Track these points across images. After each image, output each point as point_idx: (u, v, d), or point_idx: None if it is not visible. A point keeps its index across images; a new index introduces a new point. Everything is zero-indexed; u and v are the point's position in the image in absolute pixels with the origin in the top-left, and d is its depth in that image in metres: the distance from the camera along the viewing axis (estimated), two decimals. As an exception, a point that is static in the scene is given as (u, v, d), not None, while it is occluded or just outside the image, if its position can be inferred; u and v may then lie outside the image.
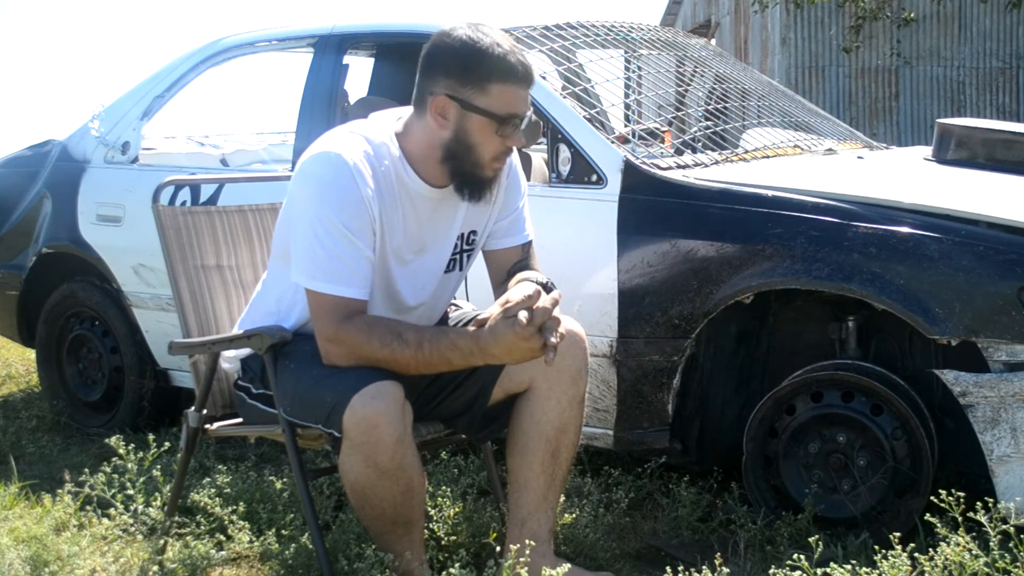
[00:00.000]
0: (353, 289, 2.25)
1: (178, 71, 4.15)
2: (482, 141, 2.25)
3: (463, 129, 2.24)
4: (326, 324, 2.26)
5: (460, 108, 2.22)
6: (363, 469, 2.21)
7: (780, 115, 3.96)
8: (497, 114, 2.22)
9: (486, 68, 2.20)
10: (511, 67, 2.21)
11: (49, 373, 4.31)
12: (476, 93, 2.21)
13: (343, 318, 2.25)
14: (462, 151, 2.26)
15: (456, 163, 2.27)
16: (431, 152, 2.29)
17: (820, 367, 2.90)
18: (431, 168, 2.31)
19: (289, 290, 2.40)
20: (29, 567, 2.57)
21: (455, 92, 2.22)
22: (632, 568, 2.72)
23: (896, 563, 2.27)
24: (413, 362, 2.24)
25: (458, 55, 2.22)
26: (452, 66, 2.22)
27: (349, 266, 2.24)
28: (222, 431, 2.62)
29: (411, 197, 2.32)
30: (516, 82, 2.23)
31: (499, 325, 2.19)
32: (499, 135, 2.25)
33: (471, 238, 2.46)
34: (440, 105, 2.23)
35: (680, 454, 3.07)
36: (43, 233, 4.22)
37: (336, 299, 2.24)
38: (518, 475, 2.46)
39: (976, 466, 2.73)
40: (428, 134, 2.27)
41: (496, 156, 2.29)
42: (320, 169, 2.25)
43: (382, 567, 2.29)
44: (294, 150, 3.77)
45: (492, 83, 2.21)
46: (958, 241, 2.68)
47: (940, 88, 12.42)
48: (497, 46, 2.21)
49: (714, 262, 2.89)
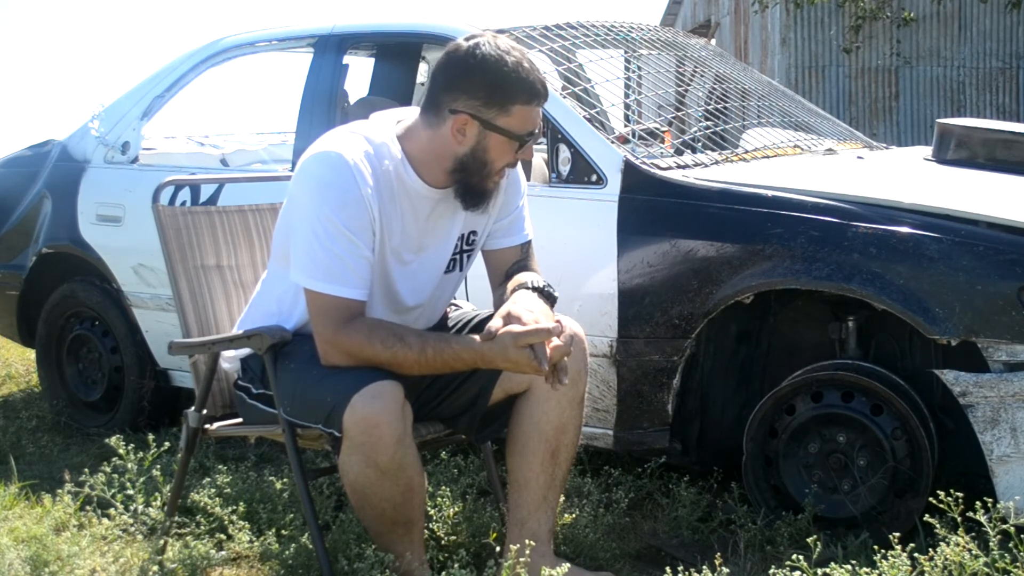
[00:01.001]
0: (352, 289, 2.25)
1: (178, 71, 4.15)
2: (498, 158, 2.28)
3: (482, 147, 2.26)
4: (325, 325, 2.26)
5: (481, 127, 2.24)
6: (363, 469, 2.21)
7: (780, 115, 3.96)
8: (518, 134, 2.26)
9: (511, 91, 2.23)
10: (534, 88, 2.25)
11: (49, 373, 4.31)
12: (499, 114, 2.24)
13: (343, 319, 2.24)
14: (475, 166, 2.28)
15: (464, 175, 2.29)
16: (439, 161, 2.30)
17: (820, 367, 2.90)
18: (434, 172, 2.32)
19: (290, 290, 2.40)
20: (29, 567, 2.57)
21: (478, 112, 2.23)
22: (632, 568, 2.72)
23: (896, 563, 2.27)
24: (416, 366, 2.25)
25: (484, 77, 2.22)
26: (477, 87, 2.22)
27: (348, 266, 2.24)
28: (222, 431, 2.62)
29: (411, 197, 2.33)
30: (538, 102, 2.27)
31: (510, 347, 2.19)
32: (515, 152, 2.29)
33: (471, 238, 2.47)
34: (461, 123, 2.25)
35: (680, 454, 3.07)
36: (43, 233, 4.22)
37: (335, 299, 2.24)
38: (518, 475, 2.47)
39: (976, 466, 2.73)
40: (440, 145, 2.28)
41: (504, 168, 2.32)
42: (320, 168, 2.25)
43: (382, 567, 2.29)
44: (294, 150, 3.78)
45: (516, 105, 2.24)
46: (958, 241, 2.68)
47: (940, 88, 12.42)
48: (520, 66, 2.23)
49: (714, 262, 2.89)
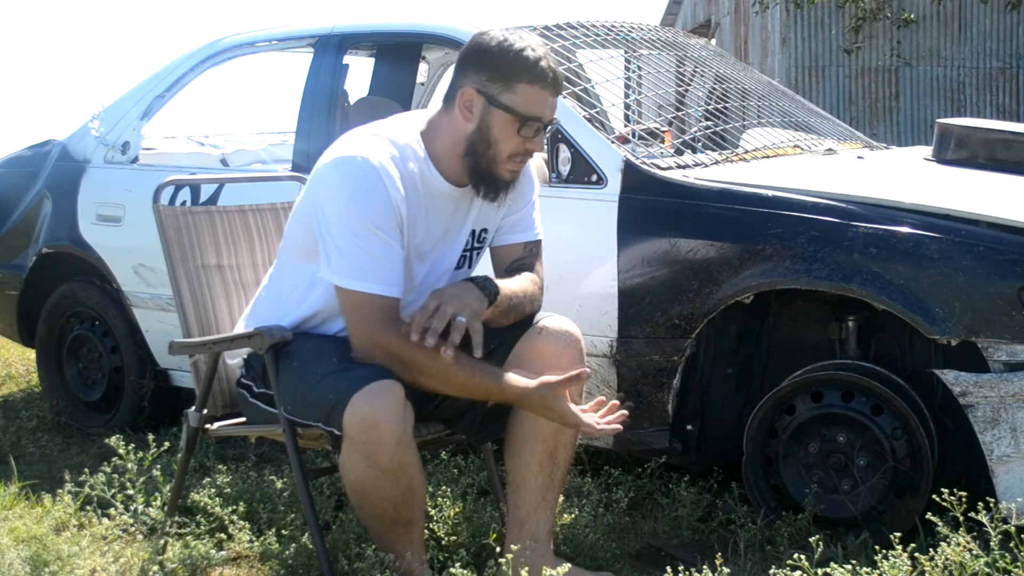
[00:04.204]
0: (388, 287, 2.26)
1: (178, 71, 4.16)
2: (501, 138, 2.29)
3: (486, 124, 2.28)
4: (363, 322, 2.27)
5: (485, 102, 2.27)
6: (364, 468, 2.21)
7: (780, 115, 3.96)
8: (520, 112, 2.27)
9: (515, 67, 2.26)
10: (540, 71, 2.27)
11: (49, 373, 4.31)
12: (503, 90, 2.26)
13: (380, 317, 2.26)
14: (482, 146, 2.29)
15: (474, 159, 2.31)
16: (455, 146, 2.32)
17: (820, 367, 2.90)
18: (454, 165, 2.34)
19: (303, 281, 2.41)
20: (29, 567, 2.57)
21: (483, 86, 2.27)
22: (632, 568, 2.72)
23: (896, 563, 2.27)
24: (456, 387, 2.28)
25: (491, 52, 2.27)
26: (483, 62, 2.27)
27: (383, 264, 2.25)
28: (222, 431, 2.62)
29: (433, 196, 2.35)
30: (543, 86, 2.28)
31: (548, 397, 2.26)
32: (519, 135, 2.29)
33: (482, 235, 2.48)
34: (467, 97, 2.28)
35: (680, 454, 3.07)
36: (43, 233, 4.22)
37: (372, 297, 2.25)
38: (516, 475, 2.47)
39: (976, 466, 2.73)
40: (454, 127, 2.31)
41: (512, 156, 2.31)
42: (347, 173, 2.26)
43: (382, 567, 2.29)
44: (294, 150, 3.78)
45: (519, 82, 2.26)
46: (958, 241, 2.67)
47: (940, 88, 12.41)
48: (530, 49, 2.27)
49: (714, 262, 2.89)
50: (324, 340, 2.40)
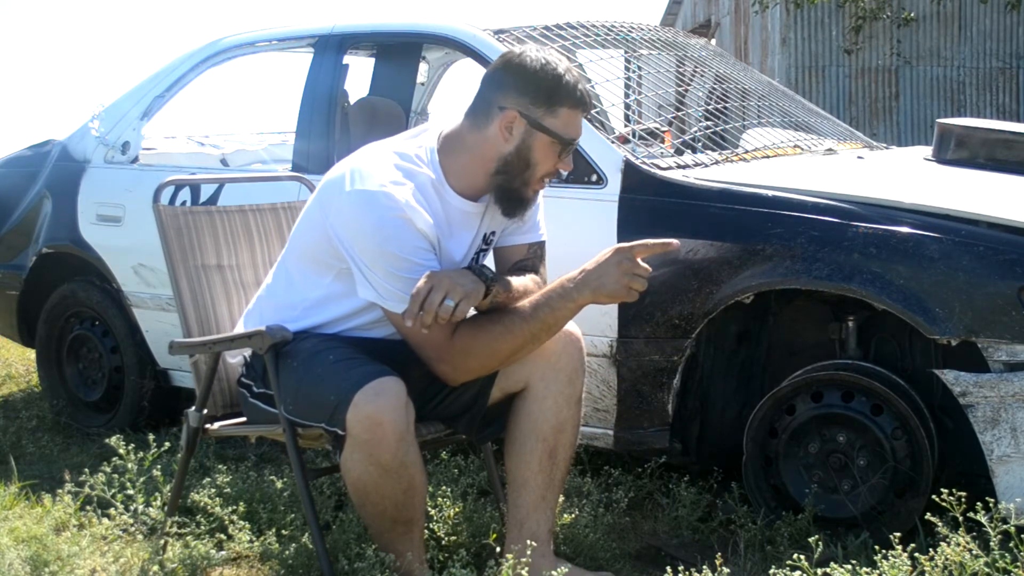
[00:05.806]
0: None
1: (178, 71, 4.15)
2: (541, 160, 2.32)
3: (527, 146, 2.30)
4: (433, 346, 2.29)
5: (528, 126, 2.29)
6: (365, 467, 2.21)
7: (780, 115, 3.96)
8: (562, 136, 2.30)
9: (560, 93, 2.29)
10: (581, 95, 2.31)
11: (49, 373, 4.31)
12: (547, 114, 2.29)
13: (444, 336, 2.27)
14: (518, 167, 2.31)
15: (507, 178, 2.33)
16: (484, 164, 2.33)
17: (820, 367, 2.90)
18: (471, 180, 2.35)
19: (318, 295, 2.41)
20: (29, 567, 2.57)
21: (527, 110, 2.28)
22: (632, 568, 2.72)
23: (896, 563, 2.27)
24: (532, 338, 2.31)
25: (536, 76, 2.29)
26: (528, 85, 2.29)
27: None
28: (222, 431, 2.62)
29: (453, 215, 2.37)
30: (583, 110, 2.33)
31: (624, 260, 2.30)
32: (559, 156, 2.32)
33: (490, 238, 2.49)
34: (509, 119, 2.29)
35: (680, 454, 3.07)
36: (43, 233, 4.22)
37: None
38: (516, 475, 2.47)
39: (976, 466, 2.73)
40: (486, 145, 2.32)
41: (545, 176, 2.35)
42: (374, 213, 2.25)
43: (382, 567, 2.29)
44: (294, 150, 3.78)
45: (563, 107, 2.29)
46: (958, 241, 2.68)
47: (940, 88, 12.41)
48: (570, 73, 2.30)
49: (714, 262, 2.89)
50: (324, 340, 2.40)
